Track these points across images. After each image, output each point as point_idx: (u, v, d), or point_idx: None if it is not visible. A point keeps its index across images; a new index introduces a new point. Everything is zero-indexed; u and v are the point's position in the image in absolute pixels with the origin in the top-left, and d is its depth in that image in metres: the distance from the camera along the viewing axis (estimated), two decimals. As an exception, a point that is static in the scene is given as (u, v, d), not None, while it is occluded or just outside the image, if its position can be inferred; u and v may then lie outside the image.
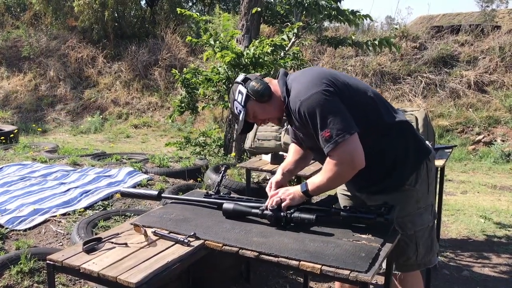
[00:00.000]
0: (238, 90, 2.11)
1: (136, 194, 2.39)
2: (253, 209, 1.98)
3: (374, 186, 2.09)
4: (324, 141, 1.88)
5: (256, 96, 2.06)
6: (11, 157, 5.69)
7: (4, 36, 15.66)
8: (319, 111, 1.87)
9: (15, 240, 3.15)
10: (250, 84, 2.07)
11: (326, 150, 1.89)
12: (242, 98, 2.08)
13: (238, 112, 2.11)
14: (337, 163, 1.88)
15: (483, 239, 4.36)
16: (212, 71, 4.72)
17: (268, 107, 2.09)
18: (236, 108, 2.12)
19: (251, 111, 2.09)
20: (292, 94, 1.99)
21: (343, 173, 1.92)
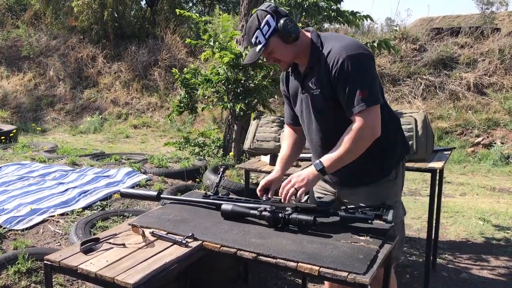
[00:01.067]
0: (266, 20, 1.98)
1: (135, 195, 2.39)
2: (251, 210, 1.97)
3: (360, 174, 2.09)
4: (358, 100, 1.92)
5: (284, 34, 1.99)
6: (9, 156, 5.68)
7: (4, 36, 15.65)
8: (363, 70, 1.94)
9: (13, 240, 3.14)
10: (282, 21, 1.98)
11: (357, 109, 1.92)
12: (269, 31, 1.99)
13: (257, 42, 2.01)
14: (362, 125, 1.92)
15: (481, 241, 4.36)
16: (212, 72, 4.72)
17: (288, 49, 2.04)
18: (257, 37, 2.00)
19: (271, 47, 2.02)
20: (335, 45, 1.98)
21: (364, 137, 1.95)
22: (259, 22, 1.99)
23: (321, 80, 2.01)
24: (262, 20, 1.99)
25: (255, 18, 2.01)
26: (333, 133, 2.06)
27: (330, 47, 2.00)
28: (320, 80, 2.02)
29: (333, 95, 2.01)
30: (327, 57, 1.98)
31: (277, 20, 1.99)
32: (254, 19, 2.02)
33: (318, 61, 2.02)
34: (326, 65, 1.98)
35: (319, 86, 2.03)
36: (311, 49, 2.05)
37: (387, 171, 2.14)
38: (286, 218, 1.88)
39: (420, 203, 5.63)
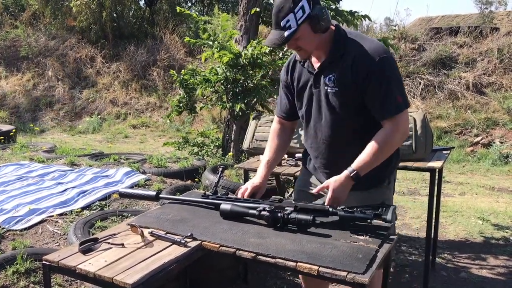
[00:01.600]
0: (301, 5, 1.85)
1: (134, 195, 2.38)
2: (250, 210, 1.96)
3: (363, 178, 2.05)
4: (393, 104, 1.93)
5: (316, 23, 1.89)
6: (8, 156, 5.67)
7: (2, 36, 15.63)
8: (397, 74, 1.97)
9: (11, 240, 3.14)
10: (317, 8, 1.88)
11: (392, 113, 1.94)
12: (302, 17, 1.87)
13: (288, 26, 1.87)
14: (397, 130, 1.95)
15: (481, 240, 4.36)
16: (211, 72, 4.72)
17: (314, 38, 1.94)
18: (288, 21, 1.86)
19: (299, 33, 1.89)
20: (366, 45, 1.93)
21: (397, 142, 1.99)
22: (294, 4, 1.85)
23: (343, 79, 1.96)
24: (297, 3, 1.85)
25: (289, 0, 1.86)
26: (344, 132, 2.06)
27: (360, 46, 1.94)
28: (341, 78, 1.96)
29: (354, 96, 1.97)
30: (357, 57, 1.92)
31: (313, 6, 1.88)
32: (288, 0, 1.85)
33: (342, 58, 1.96)
34: (354, 64, 1.93)
35: (338, 84, 1.97)
36: (333, 43, 1.98)
37: (383, 180, 2.14)
38: (285, 217, 1.87)
39: (419, 202, 5.63)
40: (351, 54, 1.94)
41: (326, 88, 2.01)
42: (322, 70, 2.02)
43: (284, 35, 1.88)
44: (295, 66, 2.16)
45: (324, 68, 2.01)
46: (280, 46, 1.97)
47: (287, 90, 2.23)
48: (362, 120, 2.03)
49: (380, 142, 1.95)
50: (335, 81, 1.98)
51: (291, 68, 2.17)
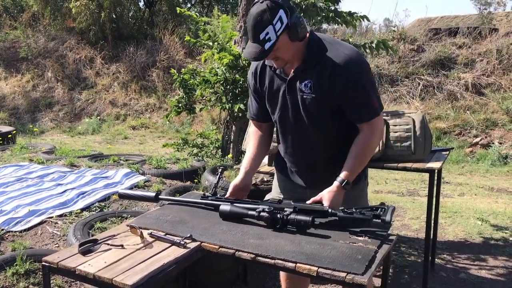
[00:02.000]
0: (279, 16, 1.82)
1: (133, 196, 2.37)
2: (249, 211, 1.96)
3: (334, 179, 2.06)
4: (369, 108, 1.97)
5: (293, 33, 1.87)
6: (8, 158, 5.67)
7: (2, 37, 15.63)
8: (371, 80, 2.01)
9: (11, 242, 3.14)
10: (295, 17, 1.86)
11: (369, 117, 1.98)
12: (281, 28, 1.84)
13: (267, 38, 1.84)
14: (374, 133, 2.00)
15: (480, 241, 4.36)
16: (210, 73, 4.72)
17: (291, 47, 1.92)
18: (267, 33, 1.83)
19: (278, 44, 1.87)
20: (341, 51, 1.93)
21: (376, 145, 2.05)
22: (272, 16, 1.81)
23: (320, 85, 1.95)
24: (275, 15, 1.82)
25: (266, 11, 1.81)
26: (321, 136, 2.07)
27: (335, 52, 1.93)
28: (319, 85, 1.96)
29: (331, 102, 1.98)
30: (334, 64, 1.91)
31: (290, 15, 1.85)
32: (265, 12, 1.81)
33: (318, 64, 1.95)
34: (332, 72, 1.92)
35: (315, 90, 1.97)
36: (308, 50, 1.97)
37: (360, 176, 2.13)
38: (285, 218, 1.87)
39: (418, 203, 5.63)
40: (327, 61, 1.93)
41: (302, 94, 2.00)
42: (296, 76, 2.00)
43: (264, 49, 1.85)
44: (264, 71, 2.11)
45: (298, 74, 1.99)
46: (261, 59, 1.95)
47: (256, 94, 2.19)
48: (338, 124, 2.05)
49: (362, 148, 2.00)
50: (312, 87, 1.97)
51: (259, 73, 2.13)
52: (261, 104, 2.20)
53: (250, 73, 2.19)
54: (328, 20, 4.16)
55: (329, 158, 2.10)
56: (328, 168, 2.06)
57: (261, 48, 1.86)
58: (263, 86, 2.13)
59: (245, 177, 2.16)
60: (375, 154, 3.12)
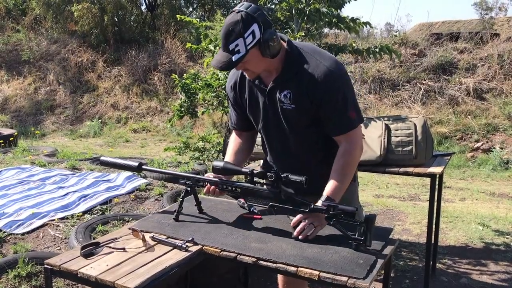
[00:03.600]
0: (252, 30, 1.80)
1: (116, 164, 2.25)
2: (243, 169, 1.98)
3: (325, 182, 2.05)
4: (347, 120, 1.96)
5: (265, 49, 1.85)
6: (10, 160, 5.68)
7: (4, 40, 15.68)
8: (351, 89, 1.99)
9: (13, 244, 3.14)
10: (268, 33, 1.83)
11: (347, 129, 1.96)
12: (252, 42, 1.82)
13: (236, 51, 1.82)
14: (353, 146, 1.98)
15: (481, 246, 4.36)
16: (212, 77, 4.73)
17: (262, 62, 1.91)
18: (237, 45, 1.81)
19: (248, 57, 1.85)
20: (320, 62, 1.92)
21: (357, 158, 2.02)
22: (244, 29, 1.80)
23: (299, 96, 1.95)
24: (247, 28, 1.80)
25: (239, 22, 1.79)
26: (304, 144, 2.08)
27: (314, 63, 1.92)
28: (297, 96, 1.95)
29: (310, 112, 1.98)
30: (312, 74, 1.91)
31: (264, 31, 1.83)
32: (238, 23, 1.79)
33: (297, 75, 1.94)
34: (310, 83, 1.91)
35: (295, 101, 1.96)
36: (286, 61, 1.96)
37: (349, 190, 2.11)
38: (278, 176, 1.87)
39: (419, 208, 5.63)
40: (305, 73, 1.92)
41: (281, 104, 2.00)
42: (275, 87, 1.99)
43: (232, 60, 1.83)
44: (243, 83, 2.10)
45: (277, 85, 1.99)
46: (227, 70, 1.93)
47: (235, 105, 2.19)
48: (320, 130, 2.04)
49: (343, 162, 1.97)
50: (291, 98, 1.97)
51: (239, 85, 2.12)
52: (241, 115, 2.21)
53: (228, 85, 2.18)
54: (331, 26, 4.17)
55: (315, 164, 2.11)
56: (315, 174, 2.02)
57: (229, 59, 1.84)
58: (243, 97, 2.13)
59: None
60: (376, 159, 3.13)
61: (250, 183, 1.97)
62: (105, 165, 2.32)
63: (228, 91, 2.19)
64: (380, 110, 10.15)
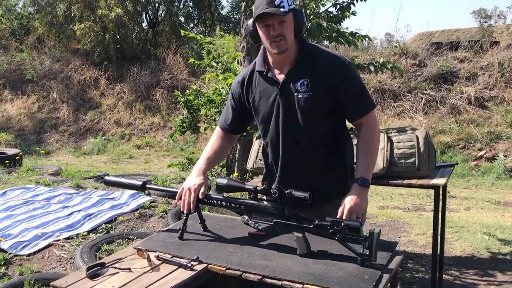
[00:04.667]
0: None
1: (120, 183, 2.26)
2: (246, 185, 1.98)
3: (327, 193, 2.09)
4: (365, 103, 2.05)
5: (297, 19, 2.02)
6: (14, 180, 5.71)
7: (8, 60, 15.83)
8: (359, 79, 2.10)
9: (18, 266, 3.15)
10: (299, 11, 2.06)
11: (367, 110, 2.05)
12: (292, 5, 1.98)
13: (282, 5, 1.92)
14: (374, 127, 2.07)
15: (487, 256, 4.34)
16: (214, 93, 4.77)
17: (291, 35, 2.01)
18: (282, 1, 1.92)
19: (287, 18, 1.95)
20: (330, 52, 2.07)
21: (378, 136, 2.10)
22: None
23: (317, 83, 2.01)
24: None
25: None
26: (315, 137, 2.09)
27: (327, 53, 2.06)
28: (315, 82, 2.02)
29: (327, 99, 2.04)
30: (328, 61, 2.02)
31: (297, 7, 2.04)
32: None
33: (314, 63, 2.03)
34: (327, 68, 2.01)
35: (312, 88, 2.02)
36: (300, 51, 2.06)
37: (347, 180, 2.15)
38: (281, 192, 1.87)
39: (424, 218, 5.61)
40: (321, 60, 2.03)
41: (297, 94, 2.04)
42: (290, 78, 2.05)
43: (280, 10, 1.91)
44: (252, 79, 2.15)
45: (292, 75, 2.04)
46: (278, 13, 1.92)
47: (238, 103, 2.21)
48: (331, 124, 2.11)
49: (368, 142, 2.05)
50: (308, 85, 2.02)
51: (247, 81, 2.16)
52: (238, 115, 2.22)
53: (236, 81, 2.21)
54: (331, 40, 4.21)
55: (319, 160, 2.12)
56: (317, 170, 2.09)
57: (277, 10, 1.91)
58: (251, 95, 2.15)
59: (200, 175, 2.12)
60: (380, 171, 3.13)
61: (253, 200, 1.98)
62: (109, 185, 2.33)
63: (234, 87, 2.22)
64: (382, 120, 10.16)
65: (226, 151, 2.35)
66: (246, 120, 2.28)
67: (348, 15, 4.28)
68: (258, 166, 3.70)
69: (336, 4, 4.26)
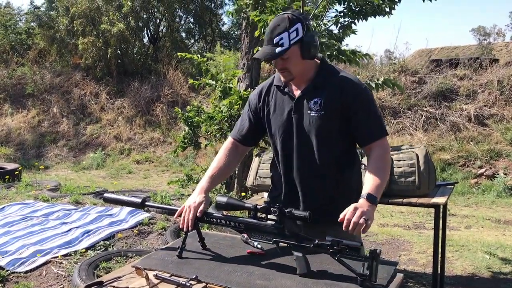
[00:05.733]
0: (296, 28, 1.94)
1: (119, 201, 2.23)
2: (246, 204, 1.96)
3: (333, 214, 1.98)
4: (378, 129, 2.04)
5: (305, 49, 1.97)
6: (13, 195, 5.69)
7: (9, 74, 15.91)
8: (375, 104, 2.08)
9: (15, 283, 3.12)
10: (309, 35, 1.97)
11: (380, 135, 2.03)
12: (295, 38, 1.94)
13: (280, 43, 1.93)
14: (386, 152, 2.02)
15: (488, 275, 4.30)
16: (215, 110, 4.79)
17: (301, 63, 2.01)
18: (281, 38, 1.93)
19: (289, 53, 1.95)
20: (349, 75, 2.07)
21: (389, 160, 2.06)
22: (290, 25, 1.94)
23: (330, 103, 2.02)
24: (292, 25, 1.94)
25: (286, 19, 1.95)
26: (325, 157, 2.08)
27: (346, 75, 2.06)
28: (329, 102, 2.02)
29: (338, 120, 2.04)
30: (346, 83, 2.02)
31: (306, 32, 1.96)
32: (285, 20, 1.95)
33: (330, 84, 2.03)
34: (344, 90, 2.01)
35: (325, 107, 2.02)
36: (319, 70, 2.07)
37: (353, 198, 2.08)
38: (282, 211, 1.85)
39: (424, 237, 5.58)
40: (339, 81, 2.03)
41: (310, 112, 2.05)
42: (305, 95, 2.06)
43: (275, 51, 1.93)
44: (269, 92, 2.17)
45: (307, 93, 2.06)
46: (269, 60, 2.00)
47: (252, 114, 2.22)
48: (342, 145, 2.09)
49: (379, 162, 1.99)
50: (321, 104, 2.03)
51: (265, 93, 2.18)
52: (254, 126, 2.22)
53: (254, 93, 2.24)
54: (331, 58, 4.24)
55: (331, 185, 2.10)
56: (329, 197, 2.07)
57: (273, 51, 1.94)
58: (266, 108, 2.17)
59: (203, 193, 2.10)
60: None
61: (253, 218, 1.97)
62: (108, 202, 2.32)
63: (252, 98, 2.23)
64: (382, 137, 10.15)
65: (233, 167, 2.31)
66: (260, 132, 2.27)
67: (349, 34, 4.32)
68: (258, 183, 3.69)
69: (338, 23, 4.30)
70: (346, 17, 4.24)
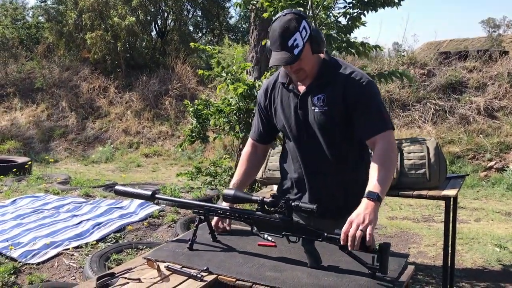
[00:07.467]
0: (303, 25, 1.91)
1: (130, 193, 2.24)
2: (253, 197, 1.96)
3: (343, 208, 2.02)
4: (382, 122, 1.99)
5: (315, 43, 1.96)
6: (24, 188, 5.74)
7: (18, 68, 15.99)
8: (380, 97, 2.06)
9: (28, 274, 3.16)
10: (315, 30, 1.96)
11: (382, 128, 1.97)
12: (306, 36, 1.92)
13: (295, 45, 1.90)
14: (388, 142, 1.96)
15: (499, 268, 4.29)
16: (223, 103, 4.78)
17: (312, 59, 2.00)
18: (295, 40, 1.90)
19: (304, 53, 1.93)
20: (353, 69, 2.03)
21: (395, 155, 2.01)
22: (298, 25, 1.91)
23: (334, 99, 2.01)
24: (300, 23, 1.91)
25: (293, 20, 1.91)
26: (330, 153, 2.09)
27: (349, 70, 2.02)
28: (332, 98, 2.01)
29: (342, 116, 2.02)
30: (350, 77, 2.00)
31: (311, 27, 1.96)
32: (292, 21, 1.91)
33: (333, 79, 2.02)
34: (348, 84, 1.99)
35: (328, 103, 2.02)
36: (322, 66, 2.04)
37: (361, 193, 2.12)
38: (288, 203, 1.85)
39: (434, 229, 5.56)
40: (343, 76, 2.01)
41: (314, 108, 2.04)
42: (309, 91, 2.05)
43: (294, 54, 1.90)
44: (275, 88, 2.17)
45: (312, 89, 2.05)
46: (291, 64, 1.94)
47: (263, 113, 2.24)
48: (347, 142, 2.08)
49: (383, 158, 1.94)
50: (324, 100, 2.02)
51: (270, 90, 2.19)
52: (267, 124, 2.24)
53: (261, 91, 2.24)
54: (340, 50, 4.21)
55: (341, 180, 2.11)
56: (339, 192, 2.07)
57: (291, 54, 1.90)
58: (273, 104, 2.17)
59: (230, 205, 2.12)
60: (390, 182, 3.11)
61: (261, 211, 1.97)
62: (119, 195, 2.33)
63: (259, 98, 2.24)
64: (391, 130, 10.10)
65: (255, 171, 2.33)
66: (274, 128, 2.27)
67: (358, 25, 4.28)
68: (267, 176, 3.69)
69: (346, 14, 4.26)
70: (356, 8, 4.20)
